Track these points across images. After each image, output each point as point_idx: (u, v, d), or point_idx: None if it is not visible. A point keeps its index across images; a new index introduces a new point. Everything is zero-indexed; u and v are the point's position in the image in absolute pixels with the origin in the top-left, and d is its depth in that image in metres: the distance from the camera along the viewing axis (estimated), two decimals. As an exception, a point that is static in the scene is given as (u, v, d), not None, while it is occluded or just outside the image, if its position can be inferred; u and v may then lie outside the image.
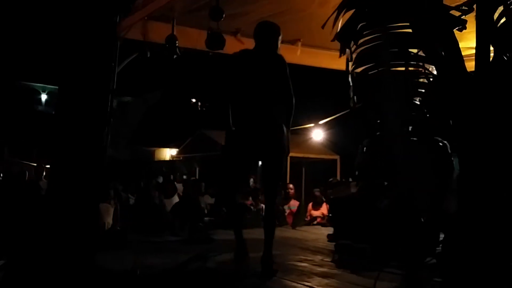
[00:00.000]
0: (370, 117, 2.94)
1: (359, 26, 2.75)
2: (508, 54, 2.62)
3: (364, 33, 2.75)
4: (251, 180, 10.47)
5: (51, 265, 3.32)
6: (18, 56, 21.90)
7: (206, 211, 8.65)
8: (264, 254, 4.17)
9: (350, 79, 2.87)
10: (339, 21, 2.82)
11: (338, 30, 2.86)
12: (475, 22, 2.66)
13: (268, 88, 4.27)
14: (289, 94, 4.30)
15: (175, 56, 6.63)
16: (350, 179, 7.93)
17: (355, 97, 2.88)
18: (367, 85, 2.88)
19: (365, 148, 4.16)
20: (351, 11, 2.81)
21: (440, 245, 4.58)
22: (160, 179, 11.57)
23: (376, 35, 2.73)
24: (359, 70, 2.82)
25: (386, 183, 4.88)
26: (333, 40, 2.89)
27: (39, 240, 3.48)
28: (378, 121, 2.95)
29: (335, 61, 3.69)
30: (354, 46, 2.77)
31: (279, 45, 4.48)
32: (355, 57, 2.80)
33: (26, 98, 25.24)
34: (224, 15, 5.87)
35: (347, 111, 3.05)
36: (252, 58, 4.40)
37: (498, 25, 2.61)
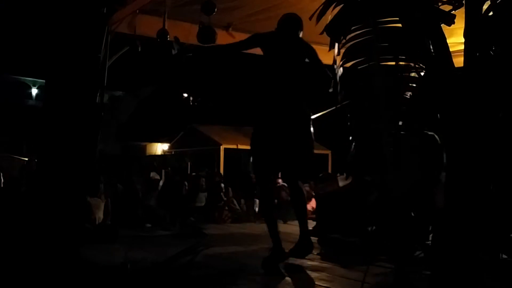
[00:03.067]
0: (357, 113, 2.95)
1: (348, 20, 2.76)
2: (495, 49, 2.64)
3: (353, 28, 2.75)
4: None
5: (37, 260, 3.31)
6: (9, 50, 21.74)
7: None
8: (301, 233, 4.38)
9: (337, 73, 2.87)
10: (328, 15, 2.82)
11: (328, 23, 2.86)
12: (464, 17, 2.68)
13: (297, 75, 4.27)
14: (326, 75, 4.25)
15: (173, 53, 6.61)
16: (338, 174, 7.93)
17: (342, 91, 2.89)
18: (356, 80, 2.89)
19: (354, 144, 4.18)
20: (341, 5, 2.81)
21: (429, 239, 4.62)
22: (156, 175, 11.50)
23: (365, 29, 2.74)
24: (348, 64, 2.82)
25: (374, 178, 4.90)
26: (321, 33, 2.89)
27: (24, 235, 3.47)
28: (366, 116, 2.95)
29: (327, 56, 3.73)
30: (344, 40, 2.77)
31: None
32: (344, 52, 2.80)
33: (16, 92, 25.08)
34: (216, 9, 5.85)
35: (339, 105, 3.07)
36: (281, 42, 4.39)
37: (486, 20, 2.62)
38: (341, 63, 2.87)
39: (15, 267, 3.41)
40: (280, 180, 11.26)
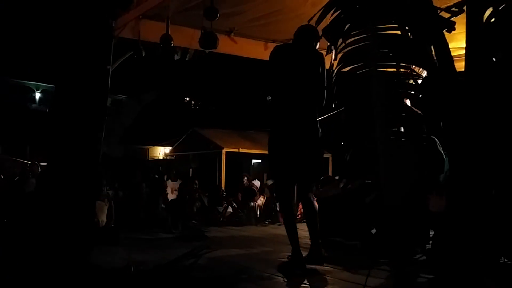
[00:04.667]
0: (353, 118, 2.99)
1: (346, 25, 2.80)
2: (497, 55, 2.68)
3: (352, 33, 2.79)
4: (245, 178, 10.52)
5: (46, 262, 3.34)
6: (12, 54, 21.82)
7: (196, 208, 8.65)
8: (312, 244, 4.39)
9: (333, 78, 2.91)
10: (328, 20, 2.86)
11: (325, 26, 2.89)
12: (465, 23, 2.71)
13: (307, 84, 4.33)
14: (320, 88, 4.35)
15: (176, 58, 6.68)
16: (337, 177, 7.97)
17: (338, 96, 2.93)
18: (353, 85, 2.92)
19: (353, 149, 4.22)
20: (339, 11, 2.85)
21: (430, 242, 4.65)
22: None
23: (363, 35, 2.77)
24: (345, 69, 2.86)
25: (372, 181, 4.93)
26: (320, 37, 2.93)
27: (32, 238, 3.49)
28: (364, 122, 2.99)
29: (328, 61, 3.81)
30: (342, 45, 2.81)
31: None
32: (341, 57, 2.84)
33: (20, 96, 25.15)
34: (218, 15, 5.90)
35: (340, 109, 3.15)
36: (292, 53, 4.48)
37: (488, 26, 2.66)
38: (337, 68, 2.91)
39: (23, 268, 3.45)
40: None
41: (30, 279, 3.35)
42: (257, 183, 10.96)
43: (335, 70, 2.85)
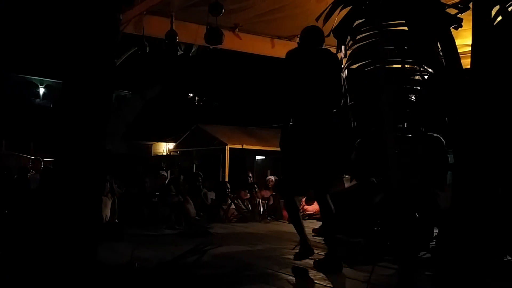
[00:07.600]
0: (362, 115, 2.98)
1: (355, 23, 2.79)
2: (503, 53, 2.66)
3: (362, 29, 2.78)
4: (250, 174, 10.50)
5: (52, 259, 3.34)
6: (17, 49, 21.88)
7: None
8: (328, 248, 4.28)
9: (344, 76, 2.91)
10: (335, 16, 2.85)
11: (334, 25, 2.89)
12: (471, 20, 2.70)
13: (322, 86, 4.16)
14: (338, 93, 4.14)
15: (179, 53, 6.68)
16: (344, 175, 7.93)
17: (347, 94, 2.92)
18: (361, 82, 2.92)
19: (358, 147, 4.19)
20: (347, 7, 2.84)
21: (434, 240, 4.64)
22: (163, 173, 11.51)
23: (372, 32, 2.77)
24: (354, 66, 2.85)
25: (379, 180, 4.91)
26: (328, 36, 2.93)
27: (38, 235, 3.49)
28: (371, 118, 2.98)
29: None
30: (350, 42, 2.80)
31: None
32: (350, 54, 2.83)
33: (24, 91, 25.24)
34: (223, 10, 5.89)
35: (342, 106, 3.16)
36: (304, 56, 4.33)
37: (494, 23, 2.65)
38: (347, 65, 2.91)
39: (27, 264, 3.45)
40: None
41: (35, 275, 3.35)
42: (273, 178, 10.88)
43: (344, 68, 2.85)
